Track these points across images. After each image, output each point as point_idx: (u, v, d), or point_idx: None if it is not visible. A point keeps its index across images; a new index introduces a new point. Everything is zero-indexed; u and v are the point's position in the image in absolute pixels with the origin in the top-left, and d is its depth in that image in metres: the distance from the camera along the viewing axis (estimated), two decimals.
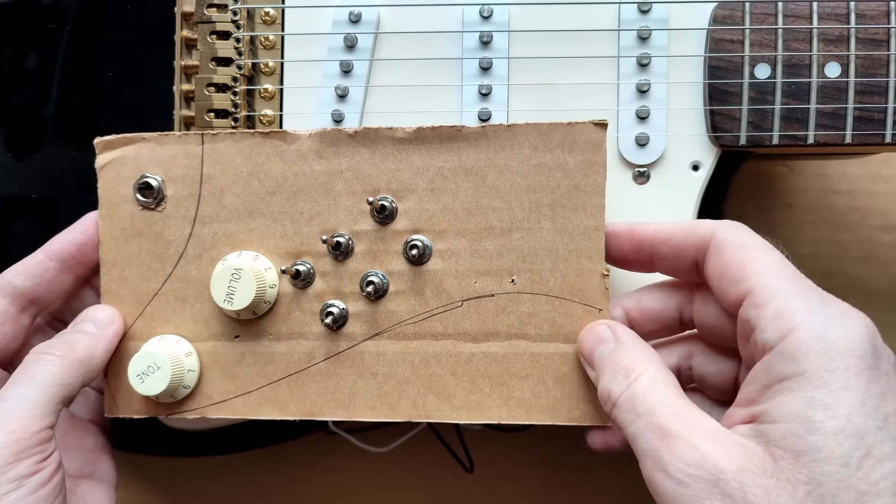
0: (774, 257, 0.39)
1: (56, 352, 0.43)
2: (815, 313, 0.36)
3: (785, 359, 0.35)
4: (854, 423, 0.33)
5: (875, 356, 0.35)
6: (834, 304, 0.37)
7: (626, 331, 0.42)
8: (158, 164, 0.46)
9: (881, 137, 0.49)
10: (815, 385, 0.34)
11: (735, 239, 0.40)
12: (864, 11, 0.49)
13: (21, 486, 0.39)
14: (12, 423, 0.40)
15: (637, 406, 0.37)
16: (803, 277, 0.38)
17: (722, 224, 0.41)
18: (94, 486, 0.47)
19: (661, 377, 0.38)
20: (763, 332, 0.36)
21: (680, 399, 0.37)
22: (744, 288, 0.38)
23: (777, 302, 0.37)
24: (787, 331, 0.35)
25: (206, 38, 0.52)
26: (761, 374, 0.36)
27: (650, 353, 0.40)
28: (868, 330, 0.36)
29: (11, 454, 0.39)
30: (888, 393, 0.35)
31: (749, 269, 0.38)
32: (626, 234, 0.44)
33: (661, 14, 0.51)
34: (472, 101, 0.52)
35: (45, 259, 0.46)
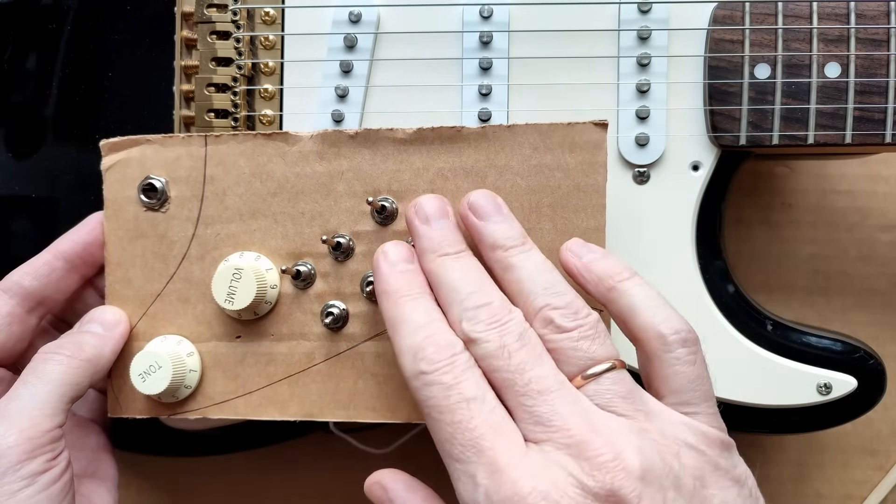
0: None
1: (65, 352, 0.43)
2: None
3: None
4: None
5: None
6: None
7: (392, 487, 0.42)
8: (162, 165, 0.46)
9: (881, 137, 0.49)
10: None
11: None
12: (864, 11, 0.49)
13: (33, 483, 0.40)
14: (24, 422, 0.40)
15: None
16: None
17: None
18: (98, 486, 0.47)
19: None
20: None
21: None
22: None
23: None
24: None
25: (206, 38, 0.52)
26: None
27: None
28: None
29: (24, 452, 0.40)
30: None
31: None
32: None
33: (661, 14, 0.51)
34: (472, 101, 0.52)
35: (52, 259, 0.46)
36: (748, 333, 0.51)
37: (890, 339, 0.61)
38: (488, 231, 0.42)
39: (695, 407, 0.38)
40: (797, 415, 0.51)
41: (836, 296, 0.62)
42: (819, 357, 0.51)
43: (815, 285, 0.62)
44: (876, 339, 0.60)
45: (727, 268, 0.52)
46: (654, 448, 0.35)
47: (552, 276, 0.40)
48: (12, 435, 0.40)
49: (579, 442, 0.34)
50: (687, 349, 0.39)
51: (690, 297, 0.51)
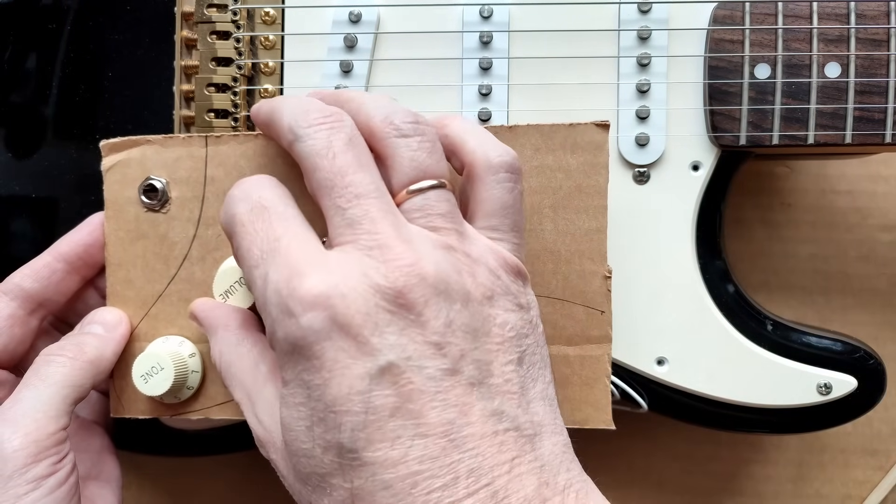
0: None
1: (67, 353, 0.43)
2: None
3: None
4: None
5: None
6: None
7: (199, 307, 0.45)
8: (163, 166, 0.46)
9: (881, 137, 0.49)
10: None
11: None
12: (864, 11, 0.49)
13: (39, 486, 0.40)
14: (28, 425, 0.40)
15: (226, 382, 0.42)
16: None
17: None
18: (103, 487, 0.47)
19: (233, 354, 0.42)
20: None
21: (251, 372, 0.40)
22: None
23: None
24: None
25: (206, 38, 0.52)
26: None
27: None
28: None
29: (29, 455, 0.40)
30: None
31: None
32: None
33: (661, 14, 0.51)
34: (472, 101, 0.52)
35: (53, 261, 0.46)
36: (748, 333, 0.51)
37: (890, 339, 0.61)
38: (322, 93, 0.43)
39: (502, 234, 0.39)
40: (797, 415, 0.51)
41: (836, 296, 0.62)
42: (819, 357, 0.51)
43: (815, 285, 0.62)
44: (876, 339, 0.60)
45: (727, 268, 0.52)
46: (453, 263, 0.36)
47: (394, 100, 0.41)
48: (17, 438, 0.40)
49: (382, 244, 0.35)
50: (508, 174, 0.40)
51: (690, 297, 0.51)
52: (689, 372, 0.51)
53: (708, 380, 0.51)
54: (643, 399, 0.51)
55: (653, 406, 0.52)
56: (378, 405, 0.33)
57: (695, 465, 0.63)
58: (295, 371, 0.34)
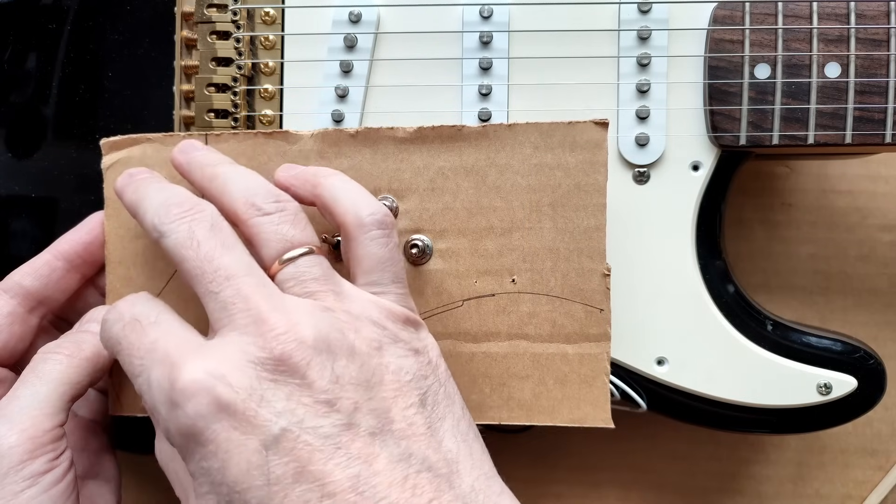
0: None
1: (64, 351, 0.43)
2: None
3: None
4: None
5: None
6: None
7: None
8: (163, 164, 0.46)
9: (881, 137, 0.49)
10: None
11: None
12: (864, 11, 0.49)
13: (35, 483, 0.40)
14: (25, 422, 0.40)
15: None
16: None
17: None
18: (101, 486, 0.47)
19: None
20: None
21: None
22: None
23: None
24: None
25: (206, 38, 0.52)
26: None
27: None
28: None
29: (26, 452, 0.40)
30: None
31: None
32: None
33: (661, 14, 0.51)
34: (472, 101, 0.52)
35: (53, 259, 0.47)
36: (748, 333, 0.51)
37: (890, 339, 0.61)
38: (192, 157, 0.43)
39: (384, 287, 0.40)
40: (797, 415, 0.51)
41: (836, 296, 0.62)
42: (819, 357, 0.51)
43: (815, 285, 0.62)
44: (876, 339, 0.60)
45: (727, 268, 0.52)
46: (333, 323, 0.36)
47: (256, 177, 0.42)
48: (14, 435, 0.40)
49: (257, 320, 0.35)
50: (381, 231, 0.40)
51: (690, 297, 0.51)
52: (688, 372, 0.51)
53: (708, 380, 0.51)
54: (642, 399, 0.51)
55: (652, 406, 0.52)
56: (279, 474, 0.33)
57: (695, 465, 0.63)
58: (195, 461, 0.34)
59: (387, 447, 0.35)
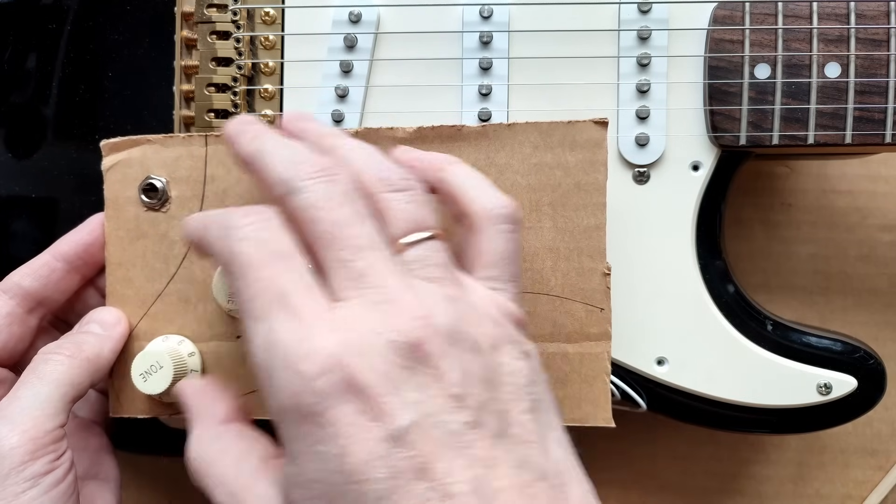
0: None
1: (65, 352, 0.43)
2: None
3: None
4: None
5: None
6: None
7: (184, 390, 0.42)
8: (163, 165, 0.46)
9: (881, 137, 0.49)
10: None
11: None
12: (864, 11, 0.49)
13: (36, 484, 0.40)
14: (26, 423, 0.40)
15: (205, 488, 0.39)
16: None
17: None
18: (101, 487, 0.47)
19: (210, 454, 0.39)
20: None
21: (232, 470, 0.38)
22: None
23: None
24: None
25: (206, 38, 0.52)
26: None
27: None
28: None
29: (27, 453, 0.40)
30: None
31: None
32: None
33: (661, 14, 0.51)
34: (472, 101, 0.52)
35: (52, 260, 0.46)
36: (748, 333, 0.51)
37: (890, 339, 0.61)
38: (308, 126, 0.42)
39: (502, 283, 0.38)
40: (797, 415, 0.51)
41: (836, 296, 0.62)
42: (819, 357, 0.51)
43: (815, 285, 0.62)
44: (876, 339, 0.60)
45: (727, 268, 0.52)
46: (459, 313, 0.34)
47: (378, 151, 0.40)
48: (15, 436, 0.40)
49: (391, 299, 0.33)
50: (510, 225, 0.39)
51: (690, 297, 0.51)
52: (688, 372, 0.51)
53: (708, 380, 0.51)
54: (642, 399, 0.51)
55: (652, 406, 0.52)
56: (402, 468, 0.30)
57: (695, 465, 0.63)
58: (306, 443, 0.32)
59: (507, 452, 0.33)
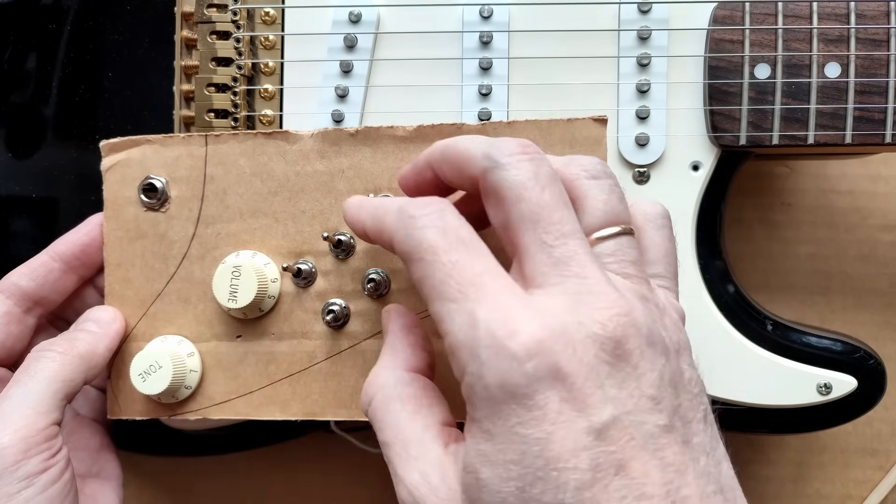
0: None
1: (57, 348, 0.43)
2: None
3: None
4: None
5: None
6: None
7: (394, 321, 0.41)
8: (162, 165, 0.46)
9: (881, 137, 0.49)
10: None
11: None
12: (864, 11, 0.49)
13: (31, 484, 0.39)
14: (18, 421, 0.40)
15: (377, 420, 0.37)
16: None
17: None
18: (103, 485, 0.47)
19: (397, 393, 0.37)
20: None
21: (411, 419, 0.36)
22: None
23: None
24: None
25: (206, 38, 0.52)
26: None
27: (398, 357, 0.39)
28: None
29: (19, 452, 0.39)
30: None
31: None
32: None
33: (661, 14, 0.51)
34: (472, 101, 0.52)
35: (49, 260, 0.46)
36: (748, 333, 0.51)
37: (890, 339, 0.61)
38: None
39: (667, 281, 0.38)
40: (797, 415, 0.51)
41: (836, 296, 0.62)
42: (819, 357, 0.51)
43: (815, 285, 0.62)
44: (876, 339, 0.61)
45: (727, 268, 0.52)
46: (652, 314, 0.34)
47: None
48: (7, 435, 0.39)
49: (592, 290, 0.32)
50: (666, 221, 0.39)
51: (690, 297, 0.51)
52: None
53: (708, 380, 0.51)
54: None
55: None
56: (604, 462, 0.30)
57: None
58: (507, 423, 0.31)
59: (693, 460, 0.32)
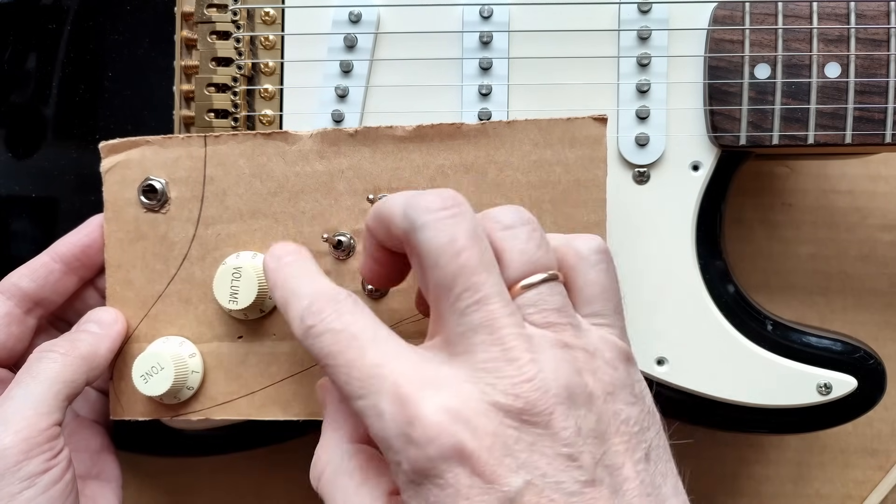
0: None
1: (59, 349, 0.43)
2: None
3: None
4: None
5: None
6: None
7: (330, 393, 0.40)
8: (162, 166, 0.46)
9: (881, 137, 0.49)
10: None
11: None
12: (864, 11, 0.49)
13: (33, 484, 0.39)
14: (19, 422, 0.40)
15: (327, 495, 0.36)
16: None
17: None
18: (103, 486, 0.47)
19: (343, 467, 0.36)
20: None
21: (357, 492, 0.35)
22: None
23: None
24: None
25: (206, 38, 0.52)
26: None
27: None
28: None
29: (21, 452, 0.39)
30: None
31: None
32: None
33: (661, 14, 0.51)
34: (472, 101, 0.52)
35: (50, 261, 0.46)
36: (748, 333, 0.51)
37: (890, 339, 0.61)
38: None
39: (607, 318, 0.37)
40: (797, 415, 0.51)
41: (836, 296, 0.62)
42: (819, 357, 0.51)
43: (815, 285, 0.62)
44: (876, 339, 0.61)
45: (727, 268, 0.52)
46: (572, 363, 0.33)
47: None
48: (8, 436, 0.39)
49: (503, 358, 0.32)
50: (601, 256, 0.37)
51: (690, 297, 0.51)
52: (689, 372, 0.51)
53: (708, 380, 0.51)
54: None
55: None
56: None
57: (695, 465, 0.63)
58: (426, 499, 0.31)
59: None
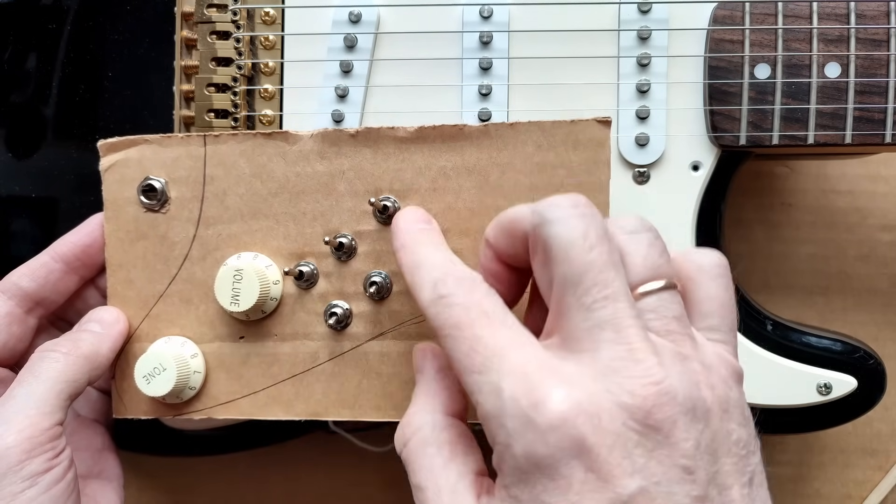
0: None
1: (61, 349, 0.43)
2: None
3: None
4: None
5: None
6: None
7: (429, 362, 0.40)
8: (162, 166, 0.46)
9: (881, 137, 0.49)
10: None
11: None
12: (864, 11, 0.49)
13: (35, 483, 0.39)
14: (22, 422, 0.40)
15: (411, 463, 0.36)
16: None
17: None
18: (104, 486, 0.47)
19: (434, 437, 0.37)
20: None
21: (446, 466, 0.35)
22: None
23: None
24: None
25: (206, 38, 0.52)
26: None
27: (435, 399, 0.38)
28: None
29: (23, 452, 0.39)
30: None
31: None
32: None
33: (661, 14, 0.51)
34: (472, 101, 0.52)
35: (50, 261, 0.46)
36: (748, 333, 0.51)
37: (890, 339, 0.61)
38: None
39: (723, 335, 0.36)
40: (797, 415, 0.52)
41: (836, 296, 0.62)
42: (819, 357, 0.51)
43: (815, 285, 0.62)
44: (876, 339, 0.61)
45: None
46: (691, 376, 0.33)
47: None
48: (11, 435, 0.39)
49: (629, 358, 0.31)
50: (722, 270, 0.37)
51: None
52: None
53: None
54: None
55: None
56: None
57: None
58: (533, 491, 0.31)
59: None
